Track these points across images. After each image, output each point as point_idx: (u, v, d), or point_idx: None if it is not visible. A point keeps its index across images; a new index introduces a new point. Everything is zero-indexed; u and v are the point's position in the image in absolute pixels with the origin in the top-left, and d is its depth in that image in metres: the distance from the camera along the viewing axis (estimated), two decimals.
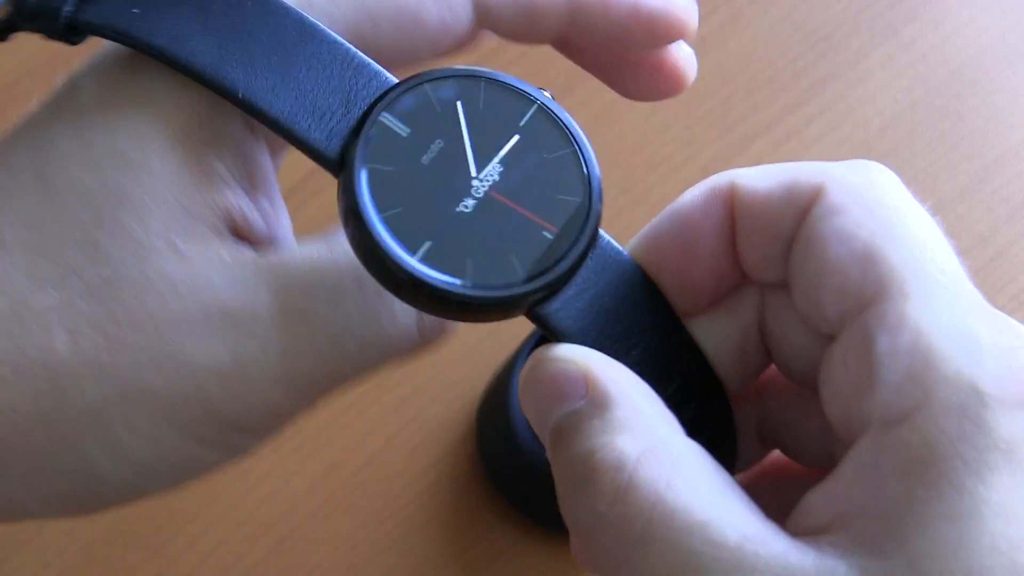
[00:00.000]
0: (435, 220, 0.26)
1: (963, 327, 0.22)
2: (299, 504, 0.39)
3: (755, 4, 0.48)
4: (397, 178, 0.27)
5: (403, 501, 0.39)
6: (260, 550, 0.38)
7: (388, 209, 0.26)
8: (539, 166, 0.27)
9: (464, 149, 0.27)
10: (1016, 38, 0.47)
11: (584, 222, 0.26)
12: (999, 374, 0.21)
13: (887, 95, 0.46)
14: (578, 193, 0.26)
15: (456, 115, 0.27)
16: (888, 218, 0.24)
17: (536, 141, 0.27)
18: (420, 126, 0.27)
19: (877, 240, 0.23)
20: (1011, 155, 0.45)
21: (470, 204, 0.26)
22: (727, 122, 0.45)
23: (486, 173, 0.27)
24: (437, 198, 0.27)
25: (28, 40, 0.48)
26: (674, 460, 0.22)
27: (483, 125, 0.27)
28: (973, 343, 0.22)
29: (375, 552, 0.38)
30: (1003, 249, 0.43)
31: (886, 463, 0.22)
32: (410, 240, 0.26)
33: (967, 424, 0.21)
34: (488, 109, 0.27)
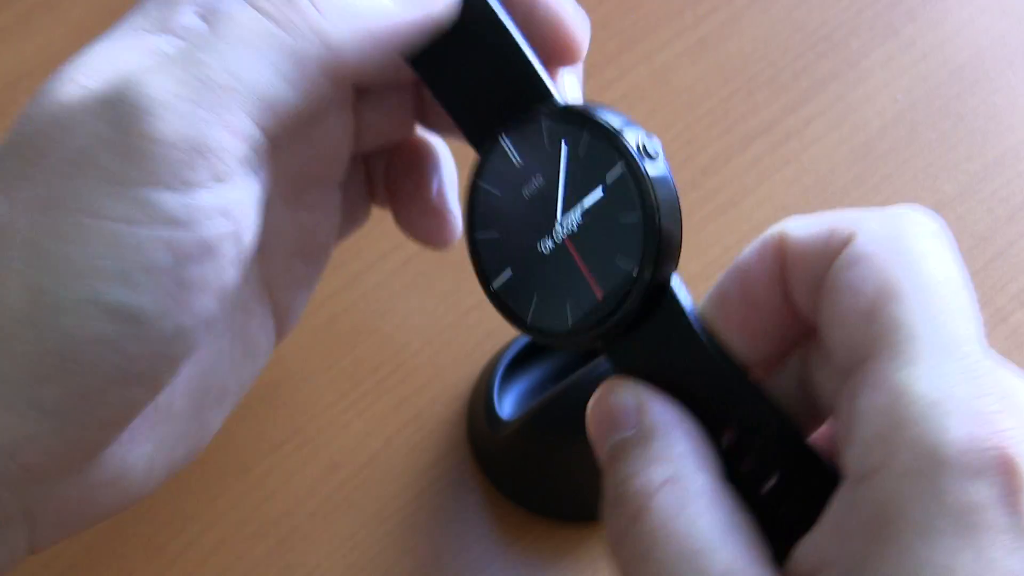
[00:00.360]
0: (518, 252, 0.29)
1: (941, 391, 0.23)
2: (299, 504, 0.39)
3: (755, 4, 0.48)
4: (500, 203, 0.29)
5: (403, 501, 0.39)
6: (260, 550, 0.38)
7: (486, 230, 0.29)
8: (610, 226, 0.27)
9: (557, 191, 0.28)
10: (1016, 38, 0.47)
11: (628, 292, 0.27)
12: (963, 440, 0.22)
13: (887, 95, 0.46)
14: (633, 262, 0.27)
15: (559, 156, 0.28)
16: (902, 272, 0.24)
17: (615, 200, 0.27)
18: (529, 158, 0.28)
19: (882, 296, 0.24)
20: (1011, 155, 0.45)
21: (548, 246, 0.28)
22: (727, 122, 0.45)
23: (568, 220, 0.28)
24: (525, 232, 0.28)
25: (28, 40, 0.48)
26: (690, 493, 0.24)
27: (578, 171, 0.28)
28: (945, 408, 0.22)
29: (375, 552, 0.38)
30: (1003, 249, 0.43)
31: (851, 519, 0.23)
32: (495, 265, 0.29)
33: (922, 488, 0.22)
34: (586, 156, 0.27)
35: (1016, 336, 0.42)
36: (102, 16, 0.47)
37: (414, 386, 0.40)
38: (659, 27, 0.47)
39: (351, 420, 0.40)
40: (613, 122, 0.27)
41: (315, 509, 0.39)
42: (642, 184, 0.27)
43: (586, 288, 0.28)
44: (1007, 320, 0.42)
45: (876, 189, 0.44)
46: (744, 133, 0.45)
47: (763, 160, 0.45)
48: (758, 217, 0.44)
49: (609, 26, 0.47)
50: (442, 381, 0.41)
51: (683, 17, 0.47)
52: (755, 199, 0.44)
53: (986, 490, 0.22)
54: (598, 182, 0.27)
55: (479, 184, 0.29)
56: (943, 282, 0.24)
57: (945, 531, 0.22)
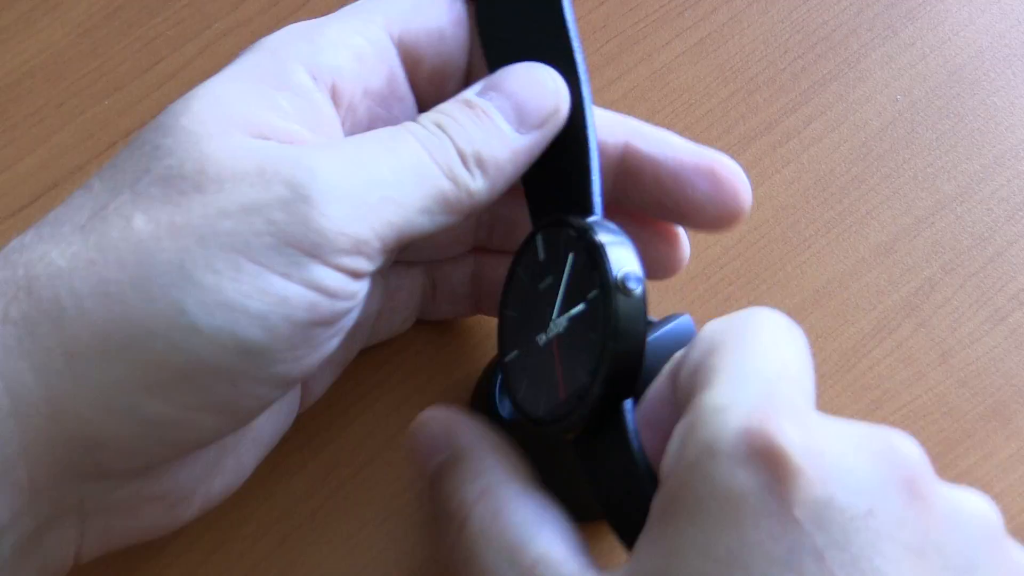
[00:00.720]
0: (525, 337, 0.32)
1: (729, 399, 0.25)
2: (299, 504, 0.39)
3: (755, 4, 0.48)
4: (524, 288, 0.33)
5: (403, 501, 0.39)
6: (260, 550, 0.38)
7: (513, 308, 0.33)
8: (583, 339, 0.30)
9: (558, 295, 0.31)
10: (1016, 38, 0.47)
11: (581, 400, 0.30)
12: (736, 433, 0.24)
13: (887, 95, 0.46)
14: (588, 375, 0.30)
15: (565, 265, 0.31)
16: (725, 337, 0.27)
17: (590, 318, 0.30)
18: (549, 257, 0.32)
19: (705, 355, 0.27)
20: (1010, 155, 0.45)
21: (543, 339, 0.32)
22: (727, 122, 0.45)
23: (558, 322, 0.31)
24: (532, 321, 0.32)
25: (28, 40, 0.48)
26: (502, 499, 0.28)
27: (575, 283, 0.31)
28: (729, 411, 0.25)
29: (375, 552, 0.38)
30: (1003, 249, 0.43)
31: (654, 510, 0.26)
32: (509, 342, 0.33)
33: (698, 476, 0.25)
34: (580, 273, 0.31)
35: (1015, 336, 0.42)
36: (103, 16, 0.47)
37: (414, 386, 0.40)
38: (659, 27, 0.47)
39: (351, 420, 0.40)
40: (611, 251, 0.30)
41: (315, 509, 0.39)
42: (608, 312, 0.29)
43: (556, 386, 0.31)
44: (1006, 320, 0.42)
45: (876, 189, 0.44)
46: (744, 133, 0.45)
47: (763, 160, 0.45)
48: (758, 217, 0.44)
49: (609, 26, 0.47)
50: (442, 381, 0.41)
51: (683, 17, 0.47)
52: (755, 199, 0.44)
53: (753, 477, 0.24)
54: (584, 298, 0.30)
55: (516, 269, 0.33)
56: (761, 341, 0.27)
57: (712, 513, 0.24)
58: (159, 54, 0.46)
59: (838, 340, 0.42)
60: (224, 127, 0.27)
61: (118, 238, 0.26)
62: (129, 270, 0.25)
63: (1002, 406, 0.41)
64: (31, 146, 0.44)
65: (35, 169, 0.44)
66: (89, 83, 0.45)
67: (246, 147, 0.27)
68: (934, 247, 0.43)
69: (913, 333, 0.42)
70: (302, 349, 0.27)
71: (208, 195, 0.26)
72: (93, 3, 0.47)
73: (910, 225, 0.44)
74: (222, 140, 0.27)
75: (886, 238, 0.43)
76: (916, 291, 0.43)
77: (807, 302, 0.42)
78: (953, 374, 0.41)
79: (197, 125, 0.27)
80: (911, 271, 0.43)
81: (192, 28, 0.46)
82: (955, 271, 0.43)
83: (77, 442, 0.26)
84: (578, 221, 0.31)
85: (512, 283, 0.33)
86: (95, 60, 0.46)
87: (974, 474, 0.40)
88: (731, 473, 0.24)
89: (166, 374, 0.25)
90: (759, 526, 0.24)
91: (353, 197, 0.27)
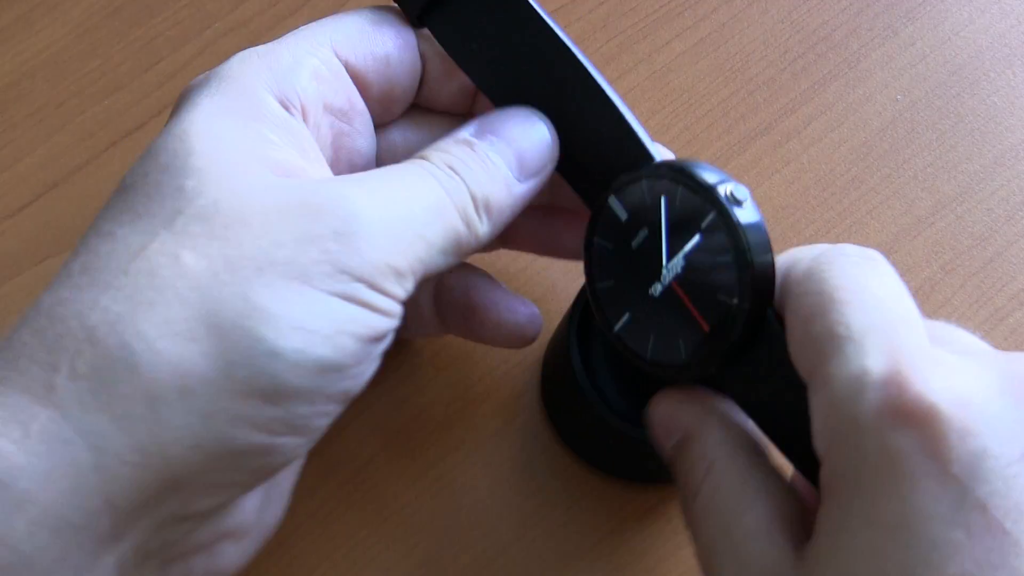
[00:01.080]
0: (633, 297, 0.32)
1: (863, 368, 0.26)
2: (299, 504, 0.39)
3: (755, 4, 0.48)
4: (613, 255, 0.33)
5: (403, 501, 0.39)
6: (260, 550, 0.38)
7: (604, 280, 0.33)
8: (710, 266, 0.31)
9: (661, 241, 0.32)
10: (1016, 38, 0.47)
11: (732, 323, 0.30)
12: (880, 402, 0.25)
13: (887, 95, 0.46)
14: (734, 295, 0.30)
15: (659, 210, 0.31)
16: (832, 290, 0.28)
17: (711, 243, 0.30)
18: (635, 213, 0.32)
19: (815, 310, 0.28)
20: (1010, 155, 0.45)
21: (658, 289, 0.32)
22: (727, 122, 0.45)
23: (672, 264, 0.31)
24: (637, 279, 0.32)
25: (28, 40, 0.48)
26: (726, 474, 0.30)
27: (677, 221, 0.31)
28: (866, 381, 0.25)
29: (375, 552, 0.38)
30: (1003, 249, 0.43)
31: (822, 488, 0.27)
32: (614, 310, 0.33)
33: (849, 450, 0.25)
34: (683, 208, 0.31)
35: (1015, 336, 0.42)
36: (103, 16, 0.47)
37: (413, 386, 0.40)
38: (659, 27, 0.47)
39: (351, 420, 0.40)
40: (706, 176, 0.31)
41: (315, 509, 0.39)
42: (733, 226, 0.30)
43: (694, 323, 0.31)
44: (1006, 320, 0.42)
45: (876, 189, 0.44)
46: (744, 133, 0.45)
47: (763, 160, 0.45)
48: None
49: (609, 26, 0.47)
50: (441, 382, 0.41)
51: (683, 17, 0.47)
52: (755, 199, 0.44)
53: (905, 440, 0.24)
54: (695, 229, 0.31)
55: (594, 240, 0.33)
56: (871, 287, 0.27)
57: (873, 484, 0.25)
58: (159, 54, 0.46)
59: None
60: (239, 165, 0.28)
61: (172, 276, 0.26)
62: (194, 307, 0.26)
63: None
64: (31, 146, 0.44)
65: (35, 169, 0.44)
66: (89, 83, 0.45)
67: (276, 183, 0.28)
68: (934, 247, 0.43)
69: None
70: (364, 364, 0.29)
71: (255, 229, 0.27)
72: (93, 3, 0.47)
73: (910, 225, 0.44)
74: (247, 178, 0.28)
75: (886, 238, 0.43)
76: (916, 291, 0.43)
77: None
78: None
79: (213, 165, 0.28)
80: (911, 271, 0.43)
81: (192, 28, 0.46)
82: (955, 271, 0.43)
83: (163, 485, 0.26)
84: (659, 166, 0.32)
85: (594, 257, 0.33)
86: (95, 60, 0.46)
87: None
88: (884, 441, 0.25)
89: (252, 402, 0.26)
90: (919, 489, 0.24)
91: (393, 232, 0.28)
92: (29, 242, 0.43)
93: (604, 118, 0.33)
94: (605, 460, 0.39)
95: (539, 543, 0.38)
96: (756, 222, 0.30)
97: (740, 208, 0.30)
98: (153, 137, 0.29)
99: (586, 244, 0.34)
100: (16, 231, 0.43)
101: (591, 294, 0.34)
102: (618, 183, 0.32)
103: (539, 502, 0.39)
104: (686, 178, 0.31)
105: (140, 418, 0.25)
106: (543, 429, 0.40)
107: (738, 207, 0.30)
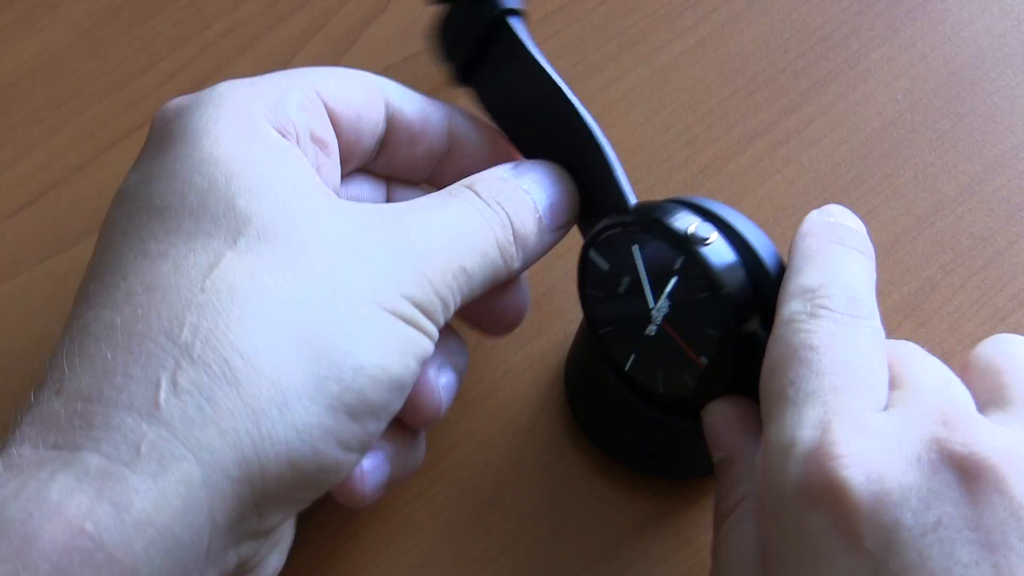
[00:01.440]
0: (633, 339, 0.34)
1: (790, 440, 0.27)
2: None
3: (755, 4, 0.48)
4: (606, 302, 0.34)
5: (403, 501, 0.39)
6: None
7: (604, 327, 0.35)
8: (693, 304, 0.32)
9: (643, 287, 0.33)
10: (1016, 38, 0.47)
11: (723, 356, 0.32)
12: (799, 479, 0.26)
13: (887, 95, 0.46)
14: (718, 329, 0.32)
15: (635, 258, 0.33)
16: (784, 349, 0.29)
17: (688, 284, 0.32)
18: (614, 263, 0.34)
19: (766, 371, 0.29)
20: (1011, 156, 0.45)
21: (652, 330, 0.33)
22: (727, 122, 0.45)
23: (659, 306, 0.33)
24: (633, 322, 0.34)
25: (28, 40, 0.48)
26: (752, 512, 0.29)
27: (653, 267, 0.33)
28: (790, 453, 0.26)
29: (375, 552, 0.38)
30: (1003, 249, 0.43)
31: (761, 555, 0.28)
32: (621, 353, 0.35)
33: (774, 523, 0.27)
34: (655, 254, 0.32)
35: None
36: (103, 16, 0.47)
37: None
38: (659, 27, 0.47)
39: None
40: (670, 221, 0.32)
41: (315, 509, 0.39)
42: (703, 268, 0.31)
43: (689, 359, 0.33)
44: (1006, 320, 0.42)
45: (876, 189, 0.44)
46: (744, 133, 0.45)
47: (763, 160, 0.45)
48: (758, 217, 0.44)
49: (609, 26, 0.47)
50: None
51: (683, 17, 0.47)
52: (755, 199, 0.44)
53: (820, 519, 0.25)
54: (672, 272, 0.32)
55: (586, 291, 0.35)
56: (837, 347, 0.28)
57: (792, 560, 0.26)
58: (159, 54, 0.46)
59: None
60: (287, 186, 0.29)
61: (254, 294, 0.27)
62: (283, 324, 0.27)
63: None
64: (31, 146, 0.44)
65: (35, 169, 0.44)
66: (89, 83, 0.45)
67: (340, 206, 0.30)
68: (934, 247, 0.43)
69: (913, 333, 0.42)
70: (415, 382, 0.30)
71: (322, 251, 0.28)
72: (93, 3, 0.47)
73: (910, 225, 0.44)
74: (300, 198, 0.29)
75: (886, 238, 0.43)
76: (916, 291, 0.43)
77: None
78: None
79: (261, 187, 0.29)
80: (911, 271, 0.43)
81: (192, 28, 0.46)
82: (955, 271, 0.43)
83: (257, 499, 0.26)
84: (622, 217, 0.33)
85: (590, 306, 0.35)
86: (95, 60, 0.46)
87: None
88: (800, 520, 0.25)
89: (341, 417, 0.27)
90: (836, 564, 0.25)
91: (443, 261, 0.30)
92: (29, 242, 0.43)
93: (596, 165, 0.34)
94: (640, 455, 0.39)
95: (539, 543, 0.38)
96: (723, 254, 0.32)
97: (707, 246, 0.31)
98: None
99: (580, 294, 0.35)
100: (16, 231, 0.43)
101: (596, 341, 0.35)
102: (592, 235, 0.34)
103: (539, 502, 0.39)
104: (652, 224, 0.32)
105: (245, 432, 0.25)
106: (548, 427, 0.40)
107: (704, 246, 0.31)
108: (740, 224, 0.33)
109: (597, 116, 0.35)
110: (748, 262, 0.32)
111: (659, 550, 0.38)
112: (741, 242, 0.32)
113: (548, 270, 0.42)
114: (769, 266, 0.32)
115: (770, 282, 0.32)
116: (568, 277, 0.42)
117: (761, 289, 0.32)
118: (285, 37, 0.46)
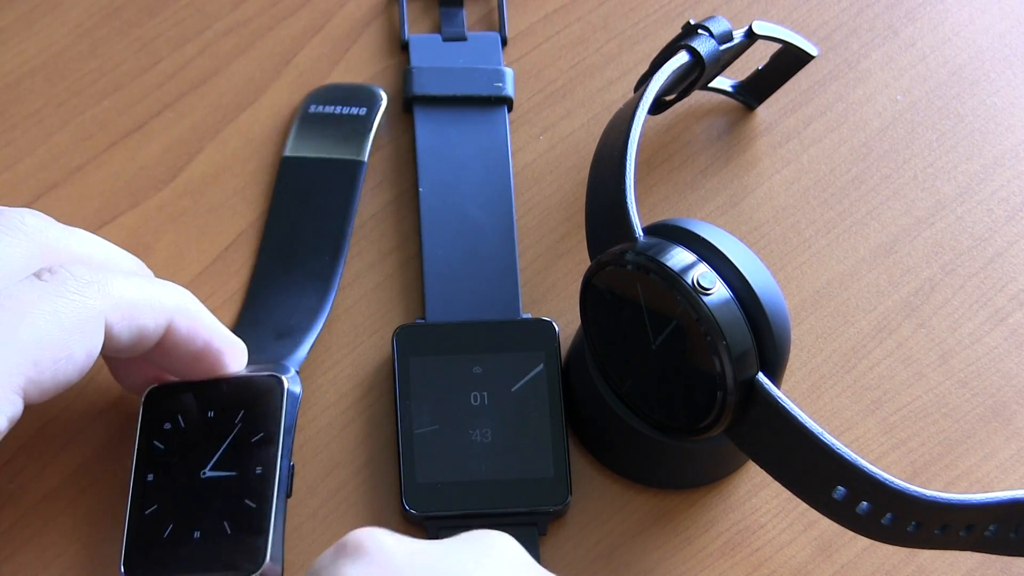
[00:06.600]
0: (632, 366, 0.35)
1: None
2: (299, 504, 0.39)
3: (755, 4, 0.48)
4: (606, 328, 0.36)
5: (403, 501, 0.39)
6: None
7: (604, 349, 0.36)
8: (692, 349, 0.33)
9: (645, 324, 0.34)
10: (1016, 38, 0.47)
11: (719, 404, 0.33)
12: None
13: (887, 95, 0.46)
14: (716, 376, 0.32)
15: (638, 297, 0.34)
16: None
17: (688, 329, 0.33)
18: (617, 296, 0.35)
19: None
20: (1010, 156, 0.45)
21: (651, 362, 0.34)
22: (727, 122, 0.45)
23: (658, 344, 0.34)
24: (633, 351, 0.35)
25: (28, 40, 0.48)
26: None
27: (654, 308, 0.33)
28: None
29: None
30: (1003, 249, 0.43)
31: None
32: (618, 375, 0.36)
33: None
34: (656, 295, 0.33)
35: (1016, 336, 0.42)
36: (103, 16, 0.47)
37: None
38: (659, 27, 0.47)
39: (351, 419, 0.40)
40: (673, 264, 0.33)
41: (315, 509, 0.39)
42: (704, 318, 0.32)
43: (688, 398, 0.34)
44: (1006, 320, 0.42)
45: (876, 189, 0.44)
46: (744, 133, 0.45)
47: (763, 160, 0.45)
48: (758, 217, 0.44)
49: (609, 26, 0.47)
50: None
51: (683, 17, 0.47)
52: (755, 199, 0.44)
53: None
54: (672, 316, 0.33)
55: (588, 314, 0.36)
56: None
57: None
58: (159, 54, 0.46)
59: (838, 340, 0.42)
60: None
61: None
62: None
63: (1002, 407, 0.41)
64: (31, 146, 0.44)
65: (35, 169, 0.44)
66: (89, 83, 0.45)
67: None
68: (934, 248, 0.43)
69: (913, 334, 0.42)
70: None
71: None
72: (93, 3, 0.47)
73: (910, 226, 0.44)
74: None
75: (886, 239, 0.43)
76: (916, 292, 0.43)
77: (807, 302, 0.42)
78: (953, 375, 0.41)
79: None
80: (911, 272, 0.43)
81: (192, 28, 0.46)
82: (955, 272, 0.43)
83: None
84: (625, 255, 0.33)
85: (590, 329, 0.36)
86: (95, 60, 0.46)
87: (974, 475, 0.40)
88: None
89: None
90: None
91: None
92: None
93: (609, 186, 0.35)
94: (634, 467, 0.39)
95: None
96: (727, 312, 0.32)
97: (708, 296, 0.32)
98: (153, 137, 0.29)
99: (582, 316, 0.36)
100: None
101: (596, 361, 0.36)
102: (596, 266, 0.35)
103: None
104: (655, 268, 0.33)
105: None
106: None
107: (706, 295, 0.32)
108: (743, 263, 0.33)
109: (596, 117, 0.35)
110: (749, 307, 0.33)
111: (659, 550, 0.38)
112: (742, 284, 0.33)
113: (548, 270, 0.42)
114: (769, 312, 0.33)
115: (768, 325, 0.33)
116: (568, 278, 0.42)
117: (760, 333, 0.33)
118: (285, 37, 0.46)
